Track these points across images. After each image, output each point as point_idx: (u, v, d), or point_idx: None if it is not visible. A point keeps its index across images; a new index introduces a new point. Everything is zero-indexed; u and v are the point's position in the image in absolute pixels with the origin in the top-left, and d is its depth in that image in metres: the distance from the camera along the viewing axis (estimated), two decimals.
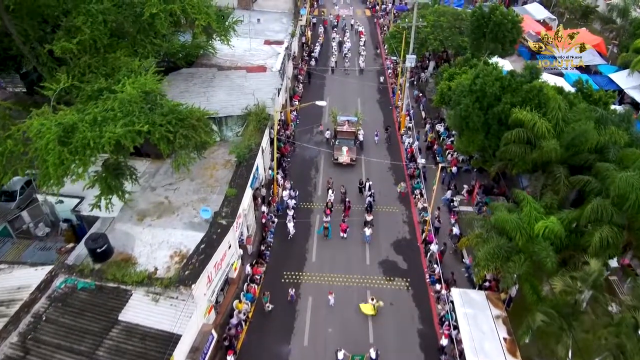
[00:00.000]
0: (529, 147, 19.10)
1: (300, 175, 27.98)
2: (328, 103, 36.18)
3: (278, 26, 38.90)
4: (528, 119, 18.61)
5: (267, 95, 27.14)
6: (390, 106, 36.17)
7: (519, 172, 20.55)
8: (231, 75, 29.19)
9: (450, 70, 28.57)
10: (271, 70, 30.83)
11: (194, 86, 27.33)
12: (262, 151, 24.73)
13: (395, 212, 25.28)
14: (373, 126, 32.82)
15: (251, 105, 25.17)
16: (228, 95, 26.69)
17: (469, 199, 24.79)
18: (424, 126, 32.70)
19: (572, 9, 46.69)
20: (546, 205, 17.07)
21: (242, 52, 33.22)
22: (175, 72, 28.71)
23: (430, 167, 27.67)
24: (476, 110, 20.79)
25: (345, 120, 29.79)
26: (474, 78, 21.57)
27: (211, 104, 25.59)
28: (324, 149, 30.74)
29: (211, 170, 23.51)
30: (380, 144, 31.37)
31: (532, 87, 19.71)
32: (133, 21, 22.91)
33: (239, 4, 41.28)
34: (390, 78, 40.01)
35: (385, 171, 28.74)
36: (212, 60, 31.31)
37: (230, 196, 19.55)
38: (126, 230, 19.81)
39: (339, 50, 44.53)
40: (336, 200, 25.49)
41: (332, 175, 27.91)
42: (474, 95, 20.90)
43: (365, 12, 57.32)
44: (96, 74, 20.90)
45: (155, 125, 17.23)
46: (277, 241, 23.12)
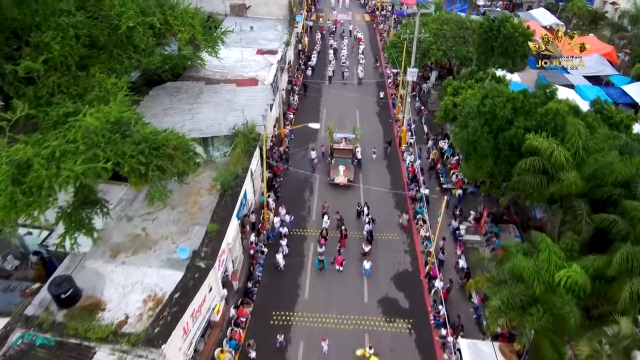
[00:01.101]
0: (545, 177, 17.12)
1: (293, 198, 26.01)
2: (324, 116, 34.52)
3: (272, 34, 36.92)
4: (544, 147, 16.64)
5: (258, 111, 25.18)
6: (390, 119, 34.20)
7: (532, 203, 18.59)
8: (220, 89, 27.21)
9: (454, 84, 26.59)
10: (263, 83, 28.86)
11: (178, 102, 25.36)
12: (251, 174, 22.79)
13: (396, 239, 23.31)
14: (372, 141, 30.86)
15: (240, 124, 23.21)
16: (215, 113, 24.71)
17: (476, 227, 22.83)
18: (426, 142, 30.73)
19: (580, 14, 44.71)
20: (567, 248, 15.09)
21: (233, 63, 31.26)
22: (160, 87, 26.74)
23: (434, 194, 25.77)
24: (485, 134, 18.82)
25: (342, 137, 27.81)
26: (482, 98, 19.59)
27: (196, 122, 23.67)
28: (321, 165, 28.79)
29: (195, 197, 21.55)
30: (379, 161, 29.39)
31: (548, 111, 17.74)
32: (109, 35, 20.95)
33: (231, 10, 39.35)
34: (390, 89, 38.04)
35: (385, 192, 26.76)
36: (201, 73, 29.34)
37: (211, 232, 17.56)
38: (97, 269, 17.87)
39: (336, 58, 42.53)
40: (332, 227, 23.54)
41: (328, 197, 25.97)
42: (483, 118, 18.93)
43: (364, 17, 55.36)
44: (66, 95, 18.98)
45: (125, 156, 15.27)
46: (266, 275, 21.15)
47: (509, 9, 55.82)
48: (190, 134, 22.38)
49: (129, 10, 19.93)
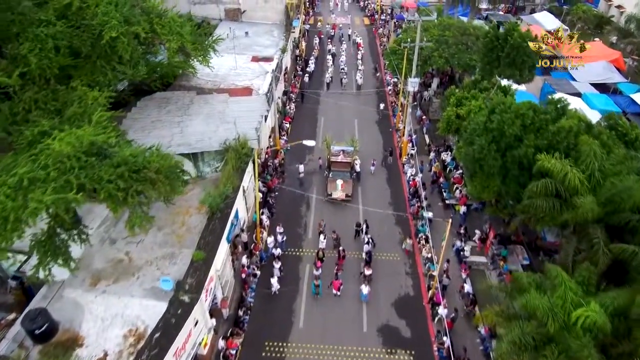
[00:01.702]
0: (558, 201, 15.88)
1: (289, 214, 24.76)
2: (322, 125, 33.27)
3: (268, 40, 35.68)
4: (557, 169, 15.40)
5: (251, 124, 23.93)
6: (391, 128, 32.95)
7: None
8: (211, 100, 25.94)
9: (457, 94, 25.35)
10: (257, 93, 27.63)
11: (167, 114, 24.09)
12: (243, 191, 21.54)
13: (397, 260, 22.06)
14: (371, 152, 29.61)
15: (231, 138, 21.94)
16: (206, 125, 23.44)
17: (481, 248, 21.58)
18: (427, 153, 29.48)
19: (585, 18, 43.47)
20: (583, 282, 13.86)
21: (227, 71, 30.03)
22: (148, 97, 25.47)
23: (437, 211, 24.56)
24: (492, 152, 17.59)
25: (340, 150, 26.54)
26: (489, 113, 18.36)
27: (185, 136, 22.41)
28: (317, 179, 27.54)
29: (183, 217, 20.31)
30: (378, 174, 28.13)
31: (561, 129, 16.50)
32: (92, 45, 19.70)
33: (226, 15, 38.10)
34: (390, 96, 36.79)
35: (385, 207, 25.51)
36: (192, 82, 28.09)
37: (197, 261, 16.29)
38: (76, 299, 16.64)
39: (334, 64, 41.26)
40: (329, 246, 22.28)
41: (325, 213, 24.73)
42: (490, 135, 17.70)
43: (363, 21, 54.12)
44: (44, 111, 17.72)
45: (101, 181, 14.01)
46: (259, 300, 19.88)
47: (512, 12, 54.64)
48: (178, 149, 21.28)
49: (112, 19, 18.67)
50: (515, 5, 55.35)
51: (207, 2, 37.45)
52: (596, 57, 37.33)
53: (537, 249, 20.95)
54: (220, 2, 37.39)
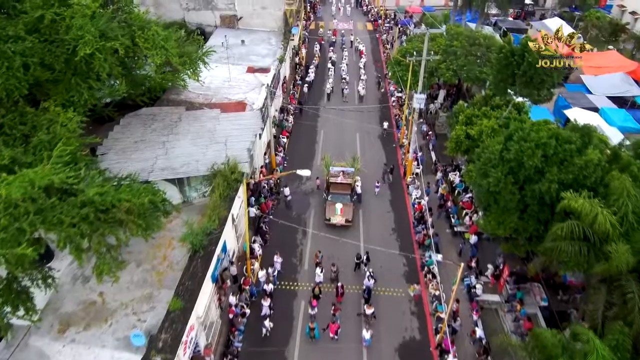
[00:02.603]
0: (585, 244, 13.94)
1: (283, 241, 22.87)
2: (322, 139, 31.41)
3: (265, 48, 33.81)
4: (586, 211, 13.47)
5: (244, 144, 22.04)
6: (394, 144, 31.03)
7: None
8: (201, 116, 24.09)
9: (467, 111, 23.42)
10: (252, 108, 25.75)
11: (152, 133, 22.25)
12: (232, 220, 19.69)
13: (401, 297, 20.14)
14: (373, 169, 27.71)
15: (220, 162, 20.08)
16: (194, 146, 21.59)
17: (495, 284, 19.64)
18: (434, 172, 27.53)
19: (599, 26, 41.40)
20: (616, 346, 11.94)
21: (220, 84, 28.18)
22: (133, 114, 23.64)
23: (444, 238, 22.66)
24: (509, 185, 15.66)
25: (340, 171, 24.63)
26: (505, 140, 16.42)
27: (170, 158, 20.56)
28: (315, 201, 25.65)
29: (165, 250, 18.51)
30: (381, 195, 26.20)
31: (588, 163, 14.55)
32: (66, 62, 17.92)
33: (222, 22, 36.26)
34: (394, 108, 34.86)
35: (388, 233, 23.62)
36: (182, 95, 26.25)
37: (174, 311, 14.42)
38: (41, 349, 14.91)
39: (335, 73, 39.36)
40: (326, 278, 20.42)
41: (322, 240, 22.79)
42: (507, 166, 15.77)
43: (366, 26, 52.16)
44: (10, 137, 15.94)
45: (62, 225, 12.20)
46: (248, 343, 17.98)
47: (521, 18, 52.63)
48: (161, 175, 19.46)
49: (87, 34, 16.85)
50: (524, 10, 53.33)
51: (202, 9, 35.64)
52: (612, 68, 35.33)
53: (556, 287, 19.02)
54: (216, 8, 35.57)
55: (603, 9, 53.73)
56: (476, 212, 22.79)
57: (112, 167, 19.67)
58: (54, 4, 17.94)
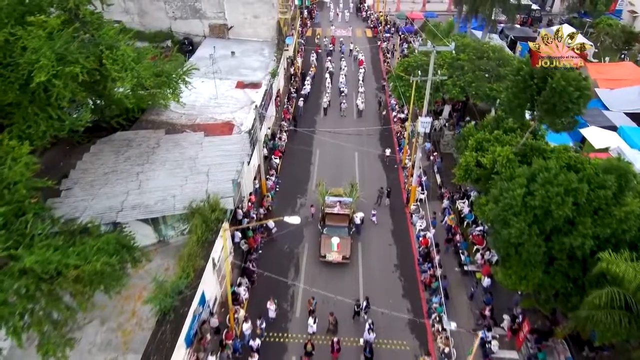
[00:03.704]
0: (626, 314, 11.62)
1: (273, 283, 20.47)
2: (317, 160, 29.00)
3: (257, 60, 31.47)
4: (629, 277, 11.15)
5: (228, 174, 19.63)
6: (396, 164, 28.67)
7: None
8: (182, 140, 21.73)
9: (477, 135, 21.04)
10: (239, 129, 23.40)
11: (125, 162, 19.89)
12: (213, 264, 17.35)
13: (406, 350, 17.76)
14: (373, 193, 25.33)
15: (201, 197, 17.71)
16: (171, 177, 19.23)
17: (512, 338, 17.27)
18: (440, 198, 25.20)
19: (612, 34, 39.11)
20: None
21: (206, 101, 25.86)
22: (106, 139, 21.32)
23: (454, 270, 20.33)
24: (534, 236, 13.32)
25: (337, 201, 22.26)
26: (528, 180, 14.09)
27: (144, 193, 18.20)
28: (309, 232, 23.28)
29: (134, 303, 16.20)
30: (382, 225, 23.84)
31: (628, 215, 12.22)
32: (21, 88, 15.61)
33: (211, 31, 33.92)
34: (395, 123, 32.53)
35: (390, 271, 21.26)
36: (163, 116, 23.91)
37: None
38: None
39: (332, 85, 36.99)
40: (320, 328, 18.06)
41: (317, 279, 20.52)
42: (531, 214, 13.43)
43: (365, 33, 49.81)
44: None
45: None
46: None
47: (527, 24, 50.36)
48: (131, 215, 17.10)
49: (42, 58, 14.52)
50: (531, 16, 51.04)
51: (189, 17, 33.29)
52: (629, 80, 33.06)
53: (582, 343, 16.65)
54: (204, 17, 33.22)
55: (612, 14, 51.50)
56: (488, 250, 20.45)
57: (76, 205, 17.41)
58: (9, 22, 15.67)
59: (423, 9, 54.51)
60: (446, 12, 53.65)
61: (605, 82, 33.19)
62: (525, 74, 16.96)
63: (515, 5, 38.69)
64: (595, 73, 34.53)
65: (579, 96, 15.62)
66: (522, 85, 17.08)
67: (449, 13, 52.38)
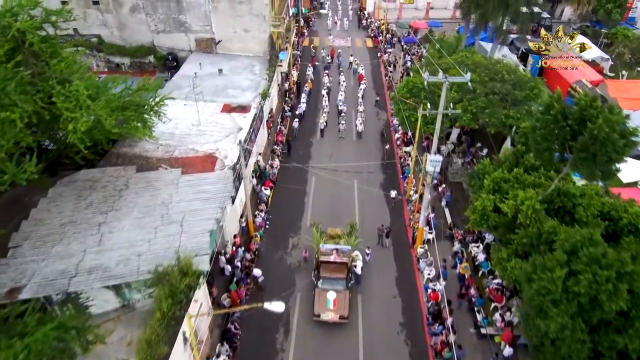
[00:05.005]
0: None
1: (259, 347, 17.73)
2: (312, 190, 26.19)
3: (247, 79, 28.70)
4: None
5: (206, 224, 16.77)
6: (400, 196, 25.86)
7: None
8: (156, 180, 18.92)
9: (494, 174, 18.30)
10: (223, 164, 20.65)
11: (87, 209, 17.11)
12: (184, 339, 14.56)
13: None
14: (374, 230, 22.58)
15: (169, 258, 14.92)
16: (139, 228, 16.43)
17: None
18: (449, 239, 22.43)
19: (632, 48, 36.34)
20: None
21: (187, 128, 23.13)
22: (68, 179, 18.55)
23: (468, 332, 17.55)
24: (578, 331, 10.54)
25: (333, 249, 19.48)
26: (568, 254, 11.31)
27: (104, 252, 15.43)
28: (301, 280, 20.52)
29: None
30: (384, 271, 21.05)
31: None
32: None
33: (197, 46, 31.17)
34: (399, 147, 29.76)
35: (395, 332, 18.45)
36: (137, 147, 21.12)
37: None
38: None
39: (330, 102, 34.22)
40: None
41: (310, 343, 17.76)
42: (574, 303, 10.64)
43: (366, 42, 47.04)
44: None
45: None
46: None
47: (536, 33, 47.52)
48: (86, 282, 14.33)
49: None
50: (540, 24, 48.17)
51: (174, 31, 30.54)
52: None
53: None
54: (190, 30, 30.47)
55: (625, 22, 48.77)
56: (509, 310, 17.69)
57: (24, 269, 14.67)
58: None
59: (426, 16, 51.76)
60: (451, 20, 50.93)
61: (626, 101, 30.35)
62: (557, 113, 14.17)
63: (528, 15, 35.88)
64: (614, 91, 31.82)
65: (625, 144, 12.83)
66: (553, 126, 14.30)
67: (454, 21, 49.69)
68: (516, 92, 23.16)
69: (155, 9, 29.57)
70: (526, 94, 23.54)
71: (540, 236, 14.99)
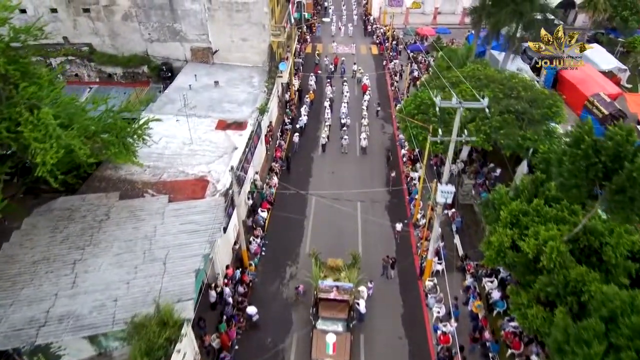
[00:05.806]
0: None
1: None
2: (312, 214, 24.50)
3: (244, 91, 27.12)
4: None
5: (191, 263, 15.18)
6: (406, 219, 24.13)
7: None
8: (139, 209, 17.34)
9: (512, 205, 16.59)
10: (214, 189, 19.06)
11: (62, 244, 15.55)
12: None
13: None
14: (378, 260, 20.89)
15: (148, 304, 13.33)
16: (117, 267, 14.86)
17: None
18: (461, 270, 20.69)
19: None
20: None
21: (178, 147, 21.61)
22: (44, 207, 17.03)
23: None
24: None
25: (333, 286, 17.78)
26: (605, 321, 9.60)
27: (77, 296, 13.91)
28: (299, 317, 18.86)
29: None
30: (390, 310, 19.29)
31: None
32: None
33: (193, 55, 29.63)
34: (405, 164, 28.05)
35: None
36: (122, 170, 19.57)
37: None
38: None
39: (333, 115, 32.56)
40: None
41: None
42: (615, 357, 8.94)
43: (371, 49, 45.31)
44: None
45: None
46: None
47: None
48: (55, 332, 12.77)
49: None
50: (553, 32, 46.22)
51: (168, 40, 29.01)
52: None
53: None
54: (185, 39, 28.92)
55: None
56: (528, 359, 15.95)
57: None
58: None
59: (434, 22, 49.99)
60: (459, 26, 49.13)
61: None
62: (587, 148, 12.43)
63: (542, 22, 34.05)
64: (634, 105, 30.06)
65: None
66: (584, 162, 12.55)
67: (463, 27, 47.87)
68: (533, 110, 21.38)
69: (148, 17, 28.05)
70: (544, 112, 21.79)
71: (567, 284, 13.31)
